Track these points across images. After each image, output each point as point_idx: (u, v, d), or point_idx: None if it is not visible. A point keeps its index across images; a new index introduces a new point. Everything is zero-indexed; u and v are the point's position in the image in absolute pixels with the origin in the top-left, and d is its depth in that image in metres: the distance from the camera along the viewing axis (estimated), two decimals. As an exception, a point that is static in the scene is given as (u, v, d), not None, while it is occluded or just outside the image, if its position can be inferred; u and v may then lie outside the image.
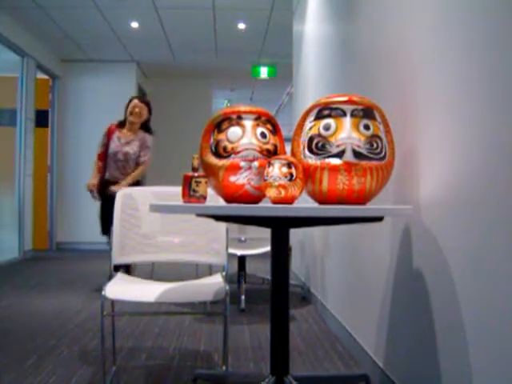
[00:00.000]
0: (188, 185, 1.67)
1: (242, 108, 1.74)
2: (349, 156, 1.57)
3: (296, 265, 5.07)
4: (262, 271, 4.73)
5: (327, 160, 1.58)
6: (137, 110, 4.15)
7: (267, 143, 1.72)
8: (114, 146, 4.16)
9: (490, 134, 1.30)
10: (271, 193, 1.57)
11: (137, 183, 4.15)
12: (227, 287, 2.17)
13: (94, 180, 4.21)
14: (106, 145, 4.24)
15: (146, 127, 4.27)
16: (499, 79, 1.26)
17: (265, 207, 1.57)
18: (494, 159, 1.28)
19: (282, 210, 1.53)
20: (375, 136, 1.61)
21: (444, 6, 1.59)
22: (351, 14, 2.84)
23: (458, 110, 1.48)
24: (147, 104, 4.25)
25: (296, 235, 4.84)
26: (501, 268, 1.24)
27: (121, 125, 4.25)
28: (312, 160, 1.60)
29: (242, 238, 4.08)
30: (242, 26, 6.47)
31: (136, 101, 4.20)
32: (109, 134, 4.23)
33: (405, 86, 1.92)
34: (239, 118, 1.71)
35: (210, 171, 1.70)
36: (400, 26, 2.00)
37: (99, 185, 4.19)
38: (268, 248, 3.49)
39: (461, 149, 1.46)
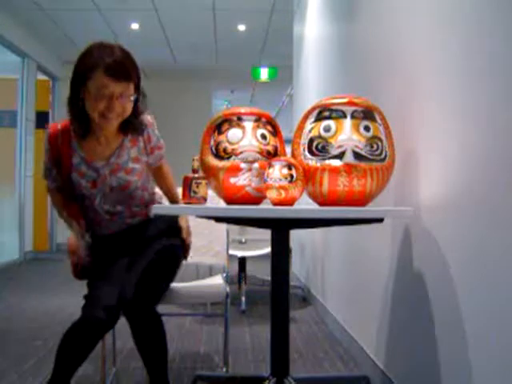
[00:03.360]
0: (188, 186, 1.67)
1: (243, 109, 1.74)
2: (349, 157, 1.57)
3: (296, 266, 5.07)
4: (263, 272, 4.73)
5: (327, 161, 1.58)
6: (114, 106, 1.73)
7: (267, 145, 1.72)
8: (83, 182, 1.92)
9: (490, 136, 1.30)
10: (272, 194, 1.57)
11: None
12: (227, 288, 2.17)
13: (78, 239, 1.99)
14: (60, 174, 1.97)
15: (132, 123, 1.89)
16: (500, 80, 1.26)
17: (265, 209, 1.57)
18: (494, 160, 1.28)
19: (283, 212, 1.53)
20: (375, 137, 1.61)
21: (445, 7, 1.59)
22: (351, 15, 2.84)
23: (459, 111, 1.48)
24: (135, 74, 1.78)
25: (296, 236, 4.84)
26: (501, 269, 1.24)
27: (77, 128, 1.86)
28: (312, 161, 1.60)
29: (243, 240, 4.08)
30: (242, 27, 6.48)
31: (107, 77, 1.68)
32: (57, 150, 1.91)
33: (405, 87, 1.92)
34: (239, 119, 1.71)
35: (211, 172, 1.70)
36: (400, 27, 2.01)
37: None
38: (268, 249, 3.49)
39: (461, 150, 1.46)
